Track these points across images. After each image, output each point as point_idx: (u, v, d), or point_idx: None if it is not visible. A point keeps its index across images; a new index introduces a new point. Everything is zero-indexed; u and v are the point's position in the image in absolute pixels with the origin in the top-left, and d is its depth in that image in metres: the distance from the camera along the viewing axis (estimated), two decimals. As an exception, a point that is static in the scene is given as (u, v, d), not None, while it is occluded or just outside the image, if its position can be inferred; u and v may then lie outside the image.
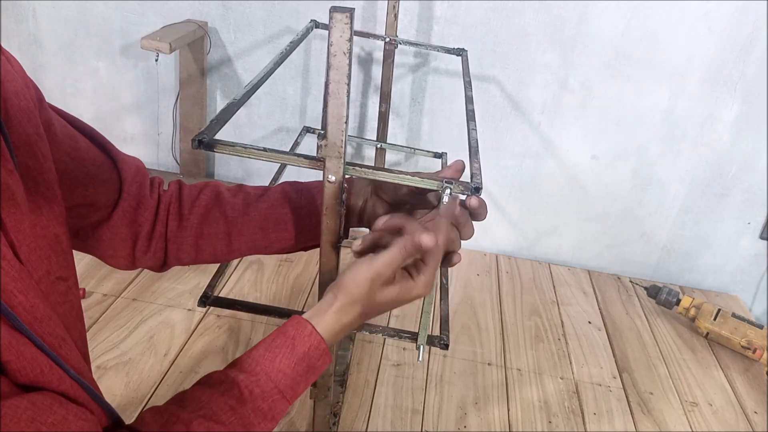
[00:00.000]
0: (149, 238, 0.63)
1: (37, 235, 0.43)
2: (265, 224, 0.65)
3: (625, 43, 1.25)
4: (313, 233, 0.67)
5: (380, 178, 0.56)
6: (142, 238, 0.62)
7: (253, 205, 0.65)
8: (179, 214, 0.64)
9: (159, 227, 0.63)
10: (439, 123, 1.36)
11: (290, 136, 1.39)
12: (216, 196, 0.65)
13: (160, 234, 0.63)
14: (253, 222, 0.65)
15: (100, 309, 1.08)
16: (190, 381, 0.96)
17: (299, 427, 0.92)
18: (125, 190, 0.60)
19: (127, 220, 0.61)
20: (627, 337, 1.23)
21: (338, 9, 0.48)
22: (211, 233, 0.65)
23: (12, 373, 0.35)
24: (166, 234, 0.64)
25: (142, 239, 0.63)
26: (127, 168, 0.60)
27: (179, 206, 0.64)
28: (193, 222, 0.64)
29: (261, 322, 1.10)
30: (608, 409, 1.05)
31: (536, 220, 1.45)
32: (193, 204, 0.64)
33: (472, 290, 1.30)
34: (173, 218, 0.64)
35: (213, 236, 0.65)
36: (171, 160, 1.45)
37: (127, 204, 0.60)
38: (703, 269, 1.48)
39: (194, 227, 0.64)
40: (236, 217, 0.65)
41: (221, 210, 0.65)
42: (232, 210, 0.65)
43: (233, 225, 0.65)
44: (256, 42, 1.32)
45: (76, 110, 1.42)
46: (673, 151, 1.35)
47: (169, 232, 0.64)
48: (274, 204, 0.66)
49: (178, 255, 0.65)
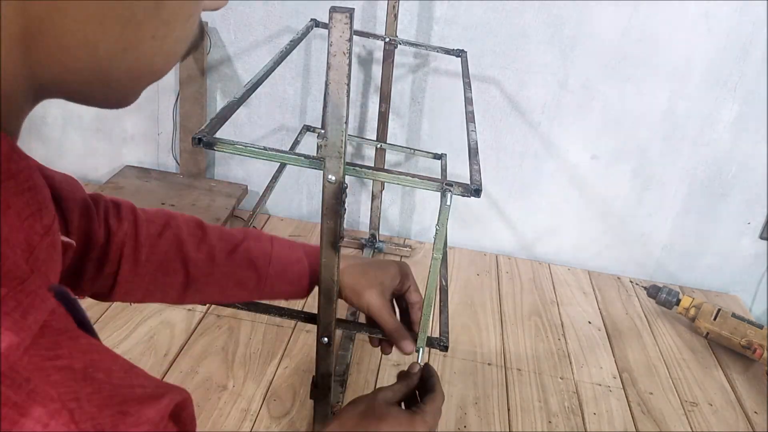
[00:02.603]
0: (93, 278, 0.58)
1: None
2: (225, 283, 0.64)
3: (625, 43, 1.25)
4: (272, 295, 0.67)
5: (380, 178, 0.56)
6: (87, 278, 0.57)
7: (218, 266, 0.63)
8: (134, 259, 0.59)
9: (109, 268, 0.58)
10: (439, 123, 1.36)
11: (290, 136, 1.39)
12: (178, 245, 0.61)
13: (109, 274, 0.58)
14: (215, 282, 0.63)
15: (100, 309, 1.08)
16: (190, 381, 0.96)
17: (299, 427, 0.92)
18: (72, 231, 0.53)
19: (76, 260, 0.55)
20: (627, 337, 1.23)
21: (338, 9, 0.48)
22: (166, 283, 0.61)
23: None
24: (116, 275, 0.58)
25: (87, 279, 0.57)
26: (72, 206, 0.53)
27: (135, 249, 0.59)
28: (149, 269, 0.60)
29: (261, 322, 1.10)
30: (608, 409, 1.05)
31: (536, 220, 1.45)
32: (151, 249, 0.60)
33: (472, 290, 1.30)
34: (127, 261, 0.58)
35: (168, 286, 0.62)
36: (171, 160, 1.45)
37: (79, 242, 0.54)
38: (703, 269, 1.48)
39: (149, 274, 0.60)
40: (198, 276, 0.62)
41: (182, 262, 0.61)
42: (195, 267, 0.62)
43: (193, 281, 0.62)
44: (256, 42, 1.32)
45: (76, 110, 1.43)
46: (673, 151, 1.35)
47: (120, 275, 0.58)
48: (240, 266, 0.64)
49: (124, 296, 0.61)
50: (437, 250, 0.58)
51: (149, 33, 0.31)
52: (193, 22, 0.34)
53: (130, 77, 0.33)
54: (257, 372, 1.00)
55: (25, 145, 1.32)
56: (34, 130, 1.46)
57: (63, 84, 0.31)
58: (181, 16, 0.33)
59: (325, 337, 0.67)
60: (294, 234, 1.40)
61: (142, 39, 0.31)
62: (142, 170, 1.40)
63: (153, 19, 0.31)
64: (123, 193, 1.29)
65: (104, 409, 0.27)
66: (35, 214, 0.30)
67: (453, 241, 1.46)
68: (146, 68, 0.33)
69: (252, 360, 1.02)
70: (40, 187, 0.32)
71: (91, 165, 1.49)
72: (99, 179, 1.49)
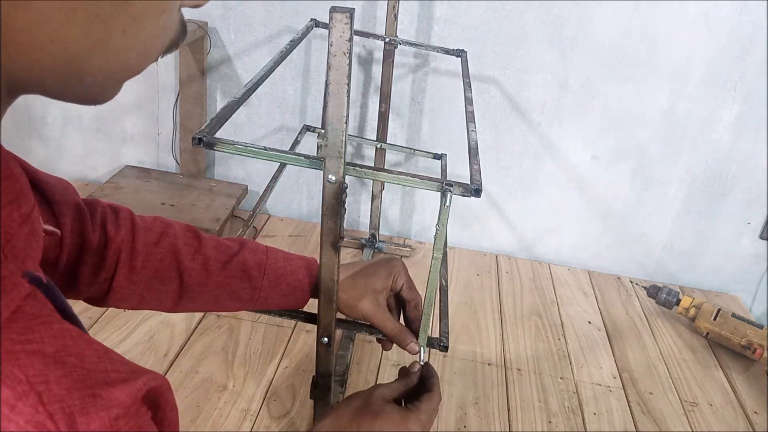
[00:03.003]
0: (89, 282, 0.58)
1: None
2: (219, 294, 0.64)
3: (625, 43, 1.25)
4: (266, 306, 0.67)
5: (380, 178, 0.56)
6: (83, 281, 0.58)
7: (213, 276, 0.63)
8: (130, 266, 0.60)
9: (105, 273, 0.58)
10: (439, 123, 1.36)
11: (290, 136, 1.39)
12: (174, 254, 0.62)
13: (105, 279, 0.59)
14: (209, 292, 0.64)
15: (100, 309, 1.07)
16: (190, 381, 0.96)
17: (299, 427, 0.92)
18: (65, 235, 0.54)
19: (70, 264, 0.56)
20: (627, 337, 1.23)
21: (338, 9, 0.48)
22: (161, 290, 0.62)
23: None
24: (111, 281, 0.59)
25: (83, 283, 0.58)
26: (65, 210, 0.53)
27: (131, 256, 0.60)
28: (144, 276, 0.61)
29: (261, 322, 1.10)
30: (608, 409, 1.05)
31: (536, 220, 1.45)
32: (147, 257, 0.61)
33: (472, 290, 1.30)
34: (123, 267, 0.59)
35: (162, 293, 0.62)
36: (171, 160, 1.45)
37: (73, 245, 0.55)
38: (703, 269, 1.48)
39: (145, 281, 0.61)
40: (192, 285, 0.63)
41: (177, 272, 0.62)
42: (189, 277, 0.62)
43: (187, 290, 0.63)
44: (256, 42, 1.32)
45: (76, 110, 1.43)
46: (673, 151, 1.35)
47: (116, 281, 0.59)
48: (234, 277, 0.64)
49: (119, 302, 0.61)
50: (437, 250, 0.58)
51: (118, 28, 0.31)
52: (168, 18, 0.34)
53: (104, 73, 0.33)
54: (257, 372, 1.00)
55: (26, 144, 1.32)
56: (34, 130, 1.46)
57: (39, 80, 0.31)
58: (152, 13, 0.32)
59: (325, 337, 0.67)
60: (294, 234, 1.40)
61: (111, 34, 0.31)
62: (142, 170, 1.40)
63: (121, 15, 0.31)
64: (123, 193, 1.29)
65: (74, 392, 0.28)
66: (12, 203, 0.31)
67: (453, 241, 1.46)
68: (120, 64, 0.33)
69: (252, 360, 1.02)
70: (17, 176, 0.32)
71: (91, 165, 1.49)
72: (99, 179, 1.49)
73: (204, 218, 1.24)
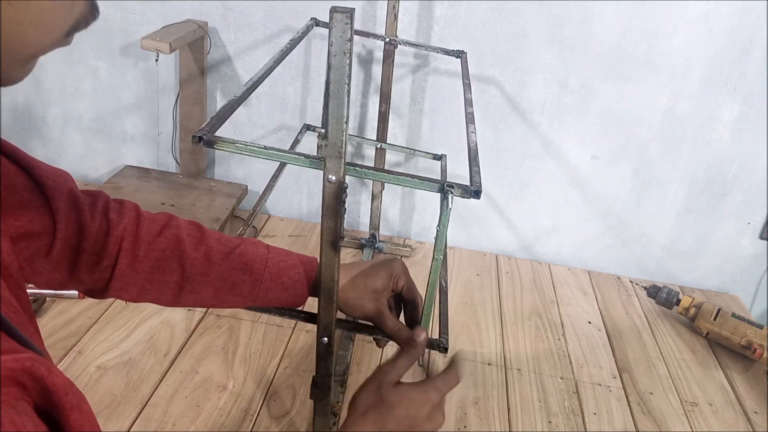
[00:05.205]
0: (90, 271, 0.58)
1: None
2: (220, 286, 0.64)
3: (625, 43, 1.25)
4: (266, 301, 0.67)
5: (380, 179, 0.56)
6: (83, 270, 0.58)
7: (214, 266, 0.63)
8: (133, 254, 0.60)
9: (107, 261, 0.59)
10: (439, 123, 1.36)
11: (290, 136, 1.39)
12: (176, 243, 0.62)
13: (107, 267, 0.59)
14: (210, 284, 0.64)
15: (100, 309, 1.07)
16: (190, 381, 0.96)
17: (299, 427, 0.92)
18: (59, 221, 0.53)
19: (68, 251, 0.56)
20: (627, 337, 1.23)
21: (338, 9, 0.48)
22: (162, 281, 0.62)
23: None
24: (113, 269, 0.59)
25: (84, 271, 0.58)
26: (58, 196, 0.53)
27: (134, 244, 0.60)
28: (146, 265, 0.61)
29: (261, 322, 1.10)
30: (608, 409, 1.05)
31: (536, 220, 1.45)
32: (150, 246, 0.61)
33: (472, 290, 1.30)
34: (125, 255, 0.59)
35: (163, 284, 0.62)
36: (171, 160, 1.45)
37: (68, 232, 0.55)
38: (703, 269, 1.48)
39: (146, 271, 0.61)
40: (194, 275, 0.62)
41: (179, 262, 0.62)
42: (191, 266, 0.62)
43: (188, 281, 0.63)
44: (256, 42, 1.32)
45: (76, 110, 1.43)
46: (673, 151, 1.35)
47: (117, 269, 0.59)
48: (236, 268, 0.64)
49: (120, 292, 0.61)
50: (438, 251, 0.58)
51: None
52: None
53: (3, 50, 0.32)
54: (257, 372, 1.00)
55: (26, 144, 1.32)
56: (34, 130, 1.46)
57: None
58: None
59: (325, 337, 0.67)
60: (294, 234, 1.40)
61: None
62: (142, 170, 1.40)
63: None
64: (123, 193, 1.29)
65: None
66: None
67: (453, 241, 1.46)
68: (17, 40, 0.32)
69: (252, 360, 1.02)
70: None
71: (91, 165, 1.49)
72: (99, 179, 1.49)
73: (204, 218, 1.24)
